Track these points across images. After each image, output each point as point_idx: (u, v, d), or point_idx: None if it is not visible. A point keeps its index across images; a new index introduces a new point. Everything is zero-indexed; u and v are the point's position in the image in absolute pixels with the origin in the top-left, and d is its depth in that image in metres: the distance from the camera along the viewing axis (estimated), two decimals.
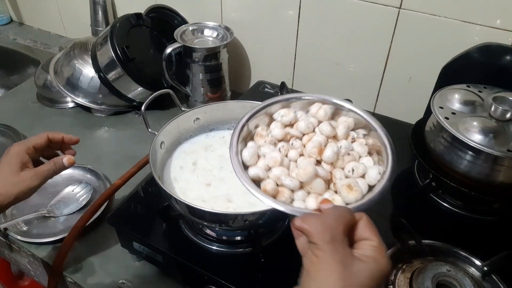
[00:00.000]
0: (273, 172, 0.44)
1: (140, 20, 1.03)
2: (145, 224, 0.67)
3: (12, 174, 0.55)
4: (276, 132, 0.47)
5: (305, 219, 0.38)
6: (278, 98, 0.50)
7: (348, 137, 0.48)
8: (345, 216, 0.38)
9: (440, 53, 0.82)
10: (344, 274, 0.35)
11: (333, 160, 0.45)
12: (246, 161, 0.45)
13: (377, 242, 0.38)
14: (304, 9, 0.94)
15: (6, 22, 1.53)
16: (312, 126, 0.48)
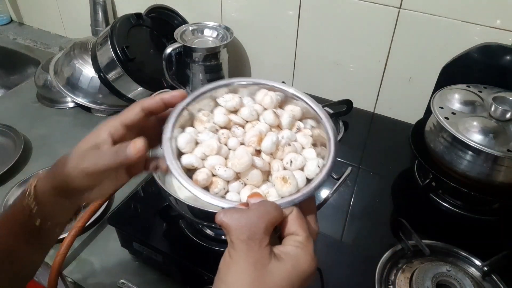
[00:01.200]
0: (209, 161, 0.41)
1: (140, 20, 1.03)
2: (145, 224, 0.67)
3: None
4: (218, 118, 0.43)
5: (227, 213, 0.34)
6: (225, 81, 0.47)
7: (293, 127, 0.44)
8: (269, 212, 0.35)
9: (440, 53, 0.82)
10: (254, 276, 0.33)
11: (271, 151, 0.41)
12: (181, 147, 0.41)
13: (303, 237, 0.35)
14: (304, 9, 0.94)
15: (6, 22, 1.53)
16: (256, 114, 0.44)
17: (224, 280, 0.33)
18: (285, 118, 0.44)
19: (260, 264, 0.33)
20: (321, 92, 1.02)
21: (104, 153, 0.42)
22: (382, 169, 0.82)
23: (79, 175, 0.42)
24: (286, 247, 0.35)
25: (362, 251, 0.65)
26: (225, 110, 0.45)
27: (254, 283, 0.32)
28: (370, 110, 1.00)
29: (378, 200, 0.76)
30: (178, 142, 0.42)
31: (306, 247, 0.35)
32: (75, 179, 0.43)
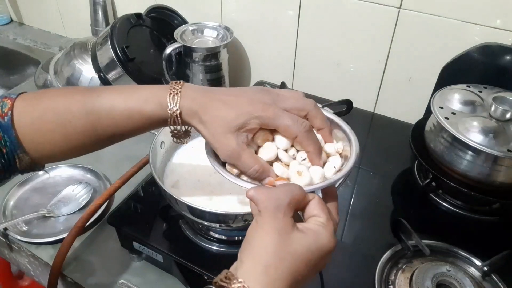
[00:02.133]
0: None
1: (140, 20, 1.03)
2: (145, 224, 0.67)
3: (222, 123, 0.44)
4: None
5: (256, 189, 0.39)
6: None
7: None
8: (293, 190, 0.39)
9: (440, 53, 0.82)
10: (278, 240, 0.36)
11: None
12: None
13: (324, 219, 0.39)
14: (304, 9, 0.95)
15: (6, 22, 1.53)
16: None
17: (250, 242, 0.37)
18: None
19: (284, 231, 0.36)
20: (321, 92, 1.02)
21: (246, 160, 0.44)
22: (382, 169, 0.82)
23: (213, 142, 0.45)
24: (308, 224, 0.39)
25: (362, 251, 0.65)
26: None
27: (277, 246, 0.35)
28: (370, 110, 1.00)
29: (378, 200, 0.76)
30: None
31: (327, 226, 0.38)
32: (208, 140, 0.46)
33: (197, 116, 0.45)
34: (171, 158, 0.69)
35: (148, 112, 0.46)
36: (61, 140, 0.47)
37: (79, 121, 0.46)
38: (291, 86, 1.07)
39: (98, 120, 0.46)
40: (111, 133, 0.47)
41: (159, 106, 0.45)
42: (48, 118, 0.46)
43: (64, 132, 0.46)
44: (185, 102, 0.45)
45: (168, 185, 0.64)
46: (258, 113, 0.43)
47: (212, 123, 0.44)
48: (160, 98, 0.45)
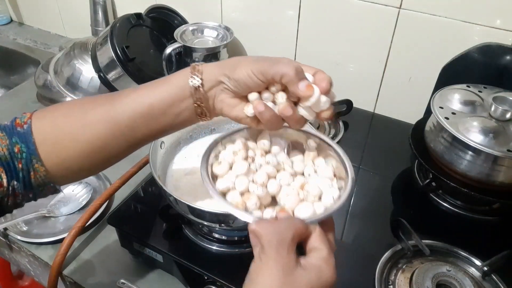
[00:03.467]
0: (240, 181, 0.44)
1: (140, 20, 1.03)
2: (145, 224, 0.67)
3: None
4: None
5: (259, 223, 0.39)
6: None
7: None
8: (296, 224, 0.39)
9: (440, 53, 0.82)
10: (282, 278, 0.36)
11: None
12: (216, 173, 0.46)
13: (326, 253, 0.39)
14: (304, 9, 0.95)
15: (6, 22, 1.53)
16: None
17: (253, 280, 0.37)
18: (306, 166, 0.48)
19: (287, 268, 0.36)
20: None
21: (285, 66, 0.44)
22: (382, 169, 0.82)
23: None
24: (310, 259, 0.38)
25: (362, 251, 0.65)
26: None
27: (281, 284, 0.36)
28: (370, 110, 1.00)
29: (378, 200, 0.76)
30: (214, 169, 0.46)
31: (329, 261, 0.38)
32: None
33: (224, 72, 0.45)
34: (172, 159, 0.69)
35: (171, 81, 0.47)
36: (79, 150, 0.46)
37: (101, 128, 0.46)
38: None
39: (117, 123, 0.46)
40: (132, 120, 0.46)
41: (182, 77, 0.46)
42: (72, 124, 0.46)
43: (84, 141, 0.46)
44: (207, 68, 0.46)
45: (168, 186, 0.64)
46: (273, 59, 0.45)
47: (239, 67, 0.44)
48: (182, 72, 0.47)
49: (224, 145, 0.49)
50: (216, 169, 0.46)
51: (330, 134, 0.90)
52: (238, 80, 0.44)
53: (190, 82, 0.45)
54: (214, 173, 0.46)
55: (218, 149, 0.49)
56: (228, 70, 0.45)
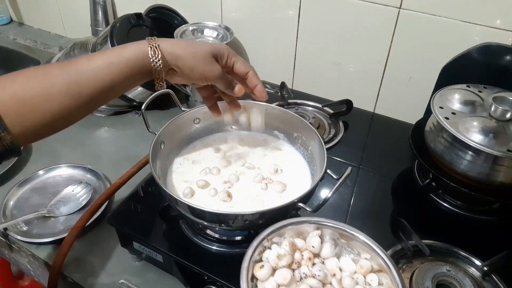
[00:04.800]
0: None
1: (140, 20, 1.03)
2: (145, 224, 0.67)
3: (204, 51, 0.55)
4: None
5: None
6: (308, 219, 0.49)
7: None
8: None
9: (440, 53, 0.83)
10: None
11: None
12: (258, 276, 0.45)
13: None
14: (304, 9, 0.95)
15: (6, 22, 1.53)
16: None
17: None
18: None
19: None
20: (321, 92, 1.02)
21: (219, 76, 0.56)
22: (382, 169, 0.82)
23: (191, 74, 0.56)
24: None
25: None
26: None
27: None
28: (370, 110, 1.00)
29: (378, 200, 0.76)
30: (255, 271, 0.44)
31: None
32: (186, 75, 0.56)
33: (177, 50, 0.54)
34: (172, 159, 0.69)
35: (126, 54, 0.50)
36: (44, 105, 0.46)
37: (62, 81, 0.46)
38: (291, 86, 1.08)
39: (79, 75, 0.47)
40: (92, 88, 0.48)
41: (138, 50, 0.52)
42: (29, 85, 0.45)
43: (47, 94, 0.46)
44: (162, 41, 0.54)
45: (168, 186, 0.64)
46: (225, 47, 0.58)
47: (194, 55, 0.54)
48: (139, 44, 0.53)
49: (271, 241, 0.47)
50: (257, 273, 0.44)
51: (330, 134, 0.90)
52: (190, 79, 0.57)
53: (152, 63, 0.52)
54: (255, 275, 0.44)
55: (264, 245, 0.46)
56: (182, 64, 0.54)
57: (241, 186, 0.64)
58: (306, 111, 0.95)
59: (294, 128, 0.71)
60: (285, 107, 0.92)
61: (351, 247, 0.48)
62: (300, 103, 0.99)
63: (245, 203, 0.61)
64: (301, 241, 0.47)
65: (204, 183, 0.63)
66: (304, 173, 0.67)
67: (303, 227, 0.49)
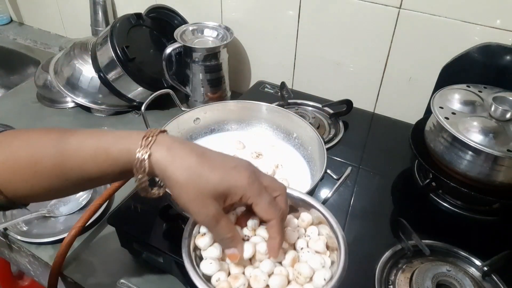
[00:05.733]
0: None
1: (140, 20, 1.03)
2: (145, 224, 0.67)
3: (201, 187, 0.40)
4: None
5: None
6: None
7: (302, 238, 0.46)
8: None
9: (440, 53, 0.83)
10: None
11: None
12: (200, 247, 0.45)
13: None
14: (304, 9, 0.95)
15: (6, 22, 1.53)
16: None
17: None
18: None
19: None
20: (321, 92, 1.02)
21: (208, 221, 0.41)
22: (382, 169, 0.82)
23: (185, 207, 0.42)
24: None
25: (362, 251, 0.65)
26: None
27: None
28: (370, 110, 1.00)
29: (378, 200, 0.76)
30: (196, 241, 0.45)
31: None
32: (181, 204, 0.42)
33: (170, 170, 0.40)
34: None
35: (114, 153, 0.42)
36: (31, 179, 0.44)
37: (48, 160, 0.43)
38: (291, 86, 1.08)
39: (66, 160, 0.43)
40: (78, 175, 0.44)
41: (127, 150, 0.41)
42: (20, 155, 0.44)
43: (34, 170, 0.43)
44: (158, 148, 0.40)
45: None
46: (244, 182, 0.40)
47: (189, 183, 0.39)
48: (131, 140, 0.42)
49: None
50: (198, 241, 0.44)
51: (330, 134, 0.90)
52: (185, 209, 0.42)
53: (136, 152, 0.41)
54: (197, 244, 0.44)
55: None
56: (170, 189, 0.42)
57: None
58: (306, 111, 0.95)
59: (294, 128, 0.71)
60: (285, 107, 0.92)
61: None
62: (300, 103, 0.99)
63: None
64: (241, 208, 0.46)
65: None
66: (304, 173, 0.67)
67: None
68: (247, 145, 0.72)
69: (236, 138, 0.74)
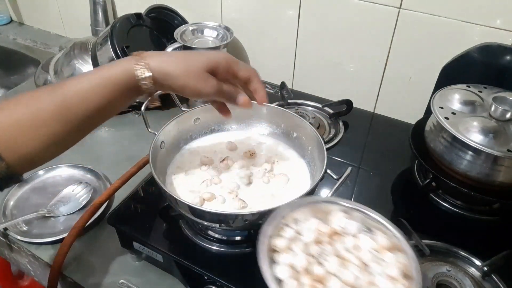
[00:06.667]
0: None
1: (140, 20, 1.03)
2: (145, 224, 0.67)
3: (197, 67, 0.51)
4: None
5: None
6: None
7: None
8: None
9: (440, 53, 0.82)
10: None
11: None
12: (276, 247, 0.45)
13: None
14: (304, 9, 0.95)
15: (6, 22, 1.53)
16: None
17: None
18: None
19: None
20: (321, 92, 1.02)
21: (215, 92, 0.53)
22: (382, 169, 0.82)
23: (177, 87, 0.52)
24: None
25: None
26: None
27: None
28: (370, 110, 1.00)
29: (378, 200, 0.76)
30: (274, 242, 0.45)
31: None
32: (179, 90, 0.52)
33: (169, 68, 0.50)
34: (172, 159, 0.69)
35: (113, 77, 0.48)
36: (34, 130, 0.45)
37: (49, 106, 0.45)
38: (291, 86, 1.08)
39: (66, 101, 0.46)
40: (81, 113, 0.47)
41: (125, 69, 0.48)
42: (19, 111, 0.45)
43: (36, 119, 0.45)
44: (150, 59, 0.49)
45: (168, 186, 0.64)
46: (225, 55, 0.54)
47: (188, 69, 0.50)
48: (124, 62, 0.49)
49: (289, 219, 0.48)
50: (277, 241, 0.45)
51: (330, 134, 0.90)
52: (186, 96, 0.54)
53: (140, 84, 0.49)
54: (275, 246, 0.45)
55: (282, 222, 0.48)
56: (173, 83, 0.51)
57: (249, 188, 0.64)
58: (306, 111, 0.95)
59: (294, 128, 0.71)
60: (285, 107, 0.92)
61: (368, 227, 0.49)
62: (300, 103, 0.99)
63: (259, 202, 0.61)
64: (317, 221, 0.48)
65: (210, 195, 0.61)
66: (304, 173, 0.67)
67: (320, 206, 0.50)
68: (245, 144, 0.72)
69: (235, 138, 0.74)
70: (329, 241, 0.46)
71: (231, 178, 0.65)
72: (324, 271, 0.43)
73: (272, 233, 0.46)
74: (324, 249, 0.45)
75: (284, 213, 0.48)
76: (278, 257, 0.44)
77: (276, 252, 0.45)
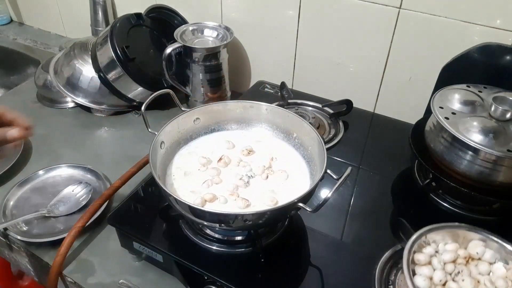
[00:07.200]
0: None
1: (140, 20, 1.03)
2: (145, 224, 0.67)
3: None
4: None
5: None
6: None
7: None
8: None
9: (440, 53, 0.83)
10: None
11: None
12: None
13: None
14: (304, 9, 0.95)
15: (6, 22, 1.53)
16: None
17: None
18: None
19: None
20: (321, 92, 1.02)
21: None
22: (382, 169, 0.82)
23: None
24: None
25: (362, 251, 0.65)
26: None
27: None
28: (370, 110, 1.00)
29: (378, 200, 0.76)
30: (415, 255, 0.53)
31: None
32: None
33: None
34: (172, 159, 0.69)
35: None
36: None
37: None
38: (291, 86, 1.08)
39: None
40: None
41: None
42: None
43: None
44: None
45: (168, 186, 0.64)
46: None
47: None
48: None
49: (428, 238, 0.55)
50: (419, 256, 0.53)
51: (330, 134, 0.90)
52: None
53: None
54: (418, 260, 0.53)
55: (423, 240, 0.55)
56: None
57: (249, 186, 0.64)
58: (306, 111, 0.95)
59: (294, 128, 0.71)
60: (285, 107, 0.92)
61: (504, 257, 0.55)
62: (300, 103, 0.99)
63: (261, 199, 0.62)
64: (455, 244, 0.55)
65: (211, 196, 0.61)
66: (304, 173, 0.67)
67: (457, 231, 0.56)
68: (245, 144, 0.72)
69: (235, 138, 0.74)
70: (465, 263, 0.53)
71: (231, 178, 0.65)
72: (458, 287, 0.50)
73: (415, 249, 0.53)
74: (460, 270, 0.52)
75: (426, 234, 0.55)
76: (418, 269, 0.52)
77: (417, 265, 0.52)
